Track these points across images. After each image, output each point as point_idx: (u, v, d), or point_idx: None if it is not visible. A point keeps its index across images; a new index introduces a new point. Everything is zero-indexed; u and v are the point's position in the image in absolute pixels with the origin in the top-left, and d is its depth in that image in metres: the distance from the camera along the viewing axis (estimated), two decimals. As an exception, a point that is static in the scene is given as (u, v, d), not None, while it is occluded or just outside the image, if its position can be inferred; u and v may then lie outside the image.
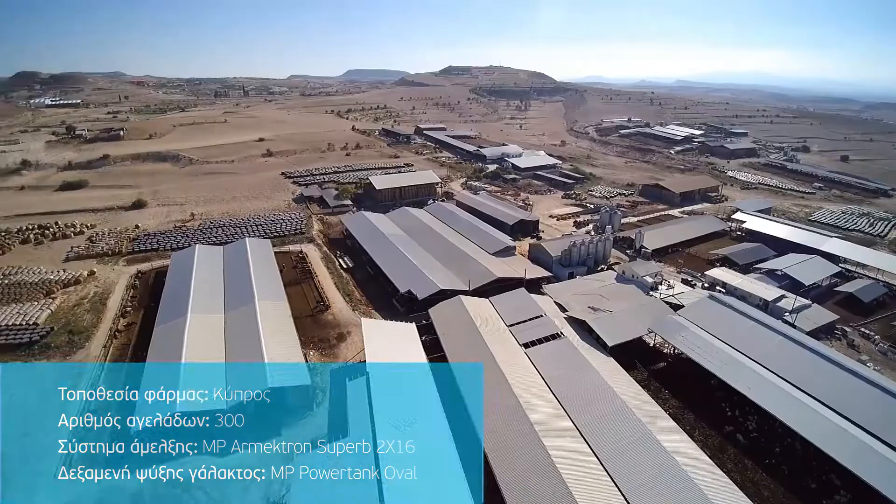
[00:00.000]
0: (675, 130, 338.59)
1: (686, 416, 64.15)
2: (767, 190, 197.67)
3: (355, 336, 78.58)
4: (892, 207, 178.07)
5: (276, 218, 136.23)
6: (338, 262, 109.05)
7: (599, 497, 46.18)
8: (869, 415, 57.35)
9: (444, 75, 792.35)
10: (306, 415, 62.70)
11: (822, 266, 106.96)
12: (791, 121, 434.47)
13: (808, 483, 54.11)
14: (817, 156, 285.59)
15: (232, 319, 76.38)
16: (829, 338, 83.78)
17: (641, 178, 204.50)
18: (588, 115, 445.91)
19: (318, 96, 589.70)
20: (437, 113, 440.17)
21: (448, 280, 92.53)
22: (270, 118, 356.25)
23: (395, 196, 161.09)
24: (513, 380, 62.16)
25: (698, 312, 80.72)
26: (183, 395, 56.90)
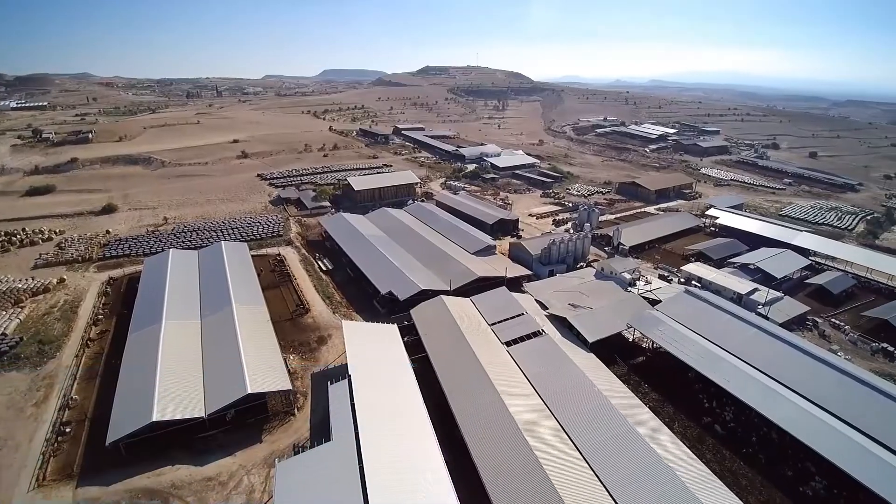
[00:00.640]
0: (650, 129, 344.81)
1: (665, 408, 65.24)
2: (739, 186, 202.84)
3: (336, 339, 77.75)
4: (859, 202, 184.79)
5: (253, 220, 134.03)
6: (317, 265, 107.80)
7: (583, 493, 46.54)
8: (841, 403, 59.18)
9: (421, 75, 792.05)
10: (288, 420, 61.86)
11: (793, 259, 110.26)
12: (761, 119, 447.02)
13: (785, 471, 55.55)
14: (787, 152, 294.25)
15: (209, 325, 74.80)
16: (801, 329, 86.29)
17: (618, 176, 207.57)
18: (565, 114, 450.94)
19: (293, 96, 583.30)
20: (416, 113, 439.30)
21: (429, 280, 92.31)
22: (245, 119, 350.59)
23: (375, 197, 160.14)
24: (496, 379, 62.26)
25: (675, 307, 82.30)
26: (159, 405, 56.20)
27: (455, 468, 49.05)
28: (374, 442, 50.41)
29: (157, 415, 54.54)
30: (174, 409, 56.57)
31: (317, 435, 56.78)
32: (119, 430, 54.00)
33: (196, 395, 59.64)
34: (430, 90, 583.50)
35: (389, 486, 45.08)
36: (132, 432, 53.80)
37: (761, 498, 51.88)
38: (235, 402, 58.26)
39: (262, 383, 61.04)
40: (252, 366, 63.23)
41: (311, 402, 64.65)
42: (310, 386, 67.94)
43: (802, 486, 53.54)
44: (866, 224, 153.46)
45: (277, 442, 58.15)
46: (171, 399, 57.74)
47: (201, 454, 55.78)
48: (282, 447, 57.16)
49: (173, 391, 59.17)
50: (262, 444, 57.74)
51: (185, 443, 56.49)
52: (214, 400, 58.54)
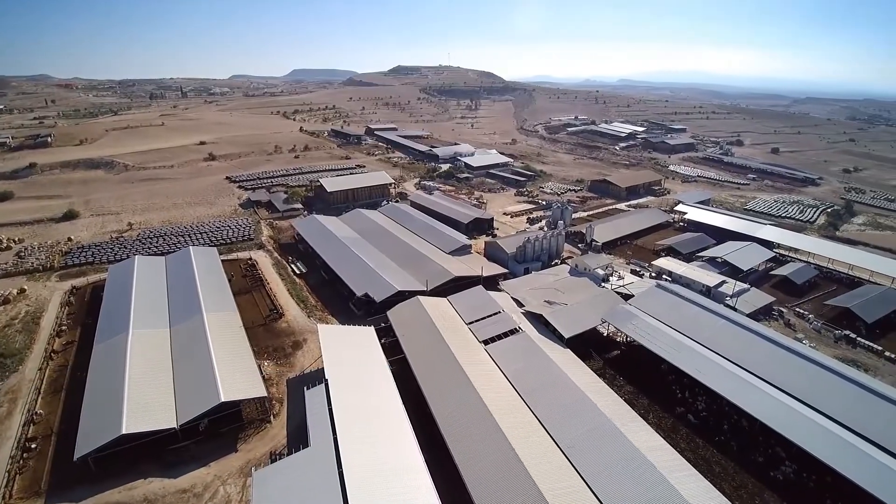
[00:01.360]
0: (620, 127, 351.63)
1: (640, 400, 66.58)
2: (706, 182, 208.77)
3: (312, 343, 76.59)
4: (820, 195, 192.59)
5: (222, 224, 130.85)
6: (290, 268, 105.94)
7: (562, 485, 47.02)
8: (808, 390, 61.48)
9: (393, 75, 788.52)
10: (263, 427, 60.55)
11: (758, 252, 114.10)
12: (726, 116, 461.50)
13: (756, 457, 57.34)
14: (750, 149, 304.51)
15: (178, 333, 72.64)
16: (767, 319, 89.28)
17: (589, 173, 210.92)
18: (537, 113, 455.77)
19: (262, 97, 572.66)
20: (388, 113, 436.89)
21: (405, 281, 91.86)
22: (212, 120, 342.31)
23: (348, 198, 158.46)
24: (474, 377, 62.35)
25: (647, 301, 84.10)
26: (128, 416, 54.41)
27: (436, 468, 48.91)
28: (353, 446, 49.79)
29: (126, 427, 52.70)
30: (144, 420, 54.77)
31: (294, 441, 55.78)
32: (87, 444, 52.03)
33: (167, 405, 57.89)
34: (402, 90, 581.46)
35: (370, 491, 44.58)
36: (101, 446, 51.87)
37: (734, 484, 53.40)
38: (208, 411, 56.74)
39: (236, 391, 59.60)
40: (225, 373, 61.69)
41: (287, 409, 63.47)
42: (286, 392, 66.71)
43: (773, 470, 55.37)
44: (827, 216, 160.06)
45: (253, 450, 56.89)
46: (140, 410, 55.92)
47: (174, 466, 54.18)
48: (258, 455, 55.95)
49: (143, 402, 57.32)
50: (237, 453, 56.42)
51: (156, 455, 54.80)
52: (186, 410, 56.90)
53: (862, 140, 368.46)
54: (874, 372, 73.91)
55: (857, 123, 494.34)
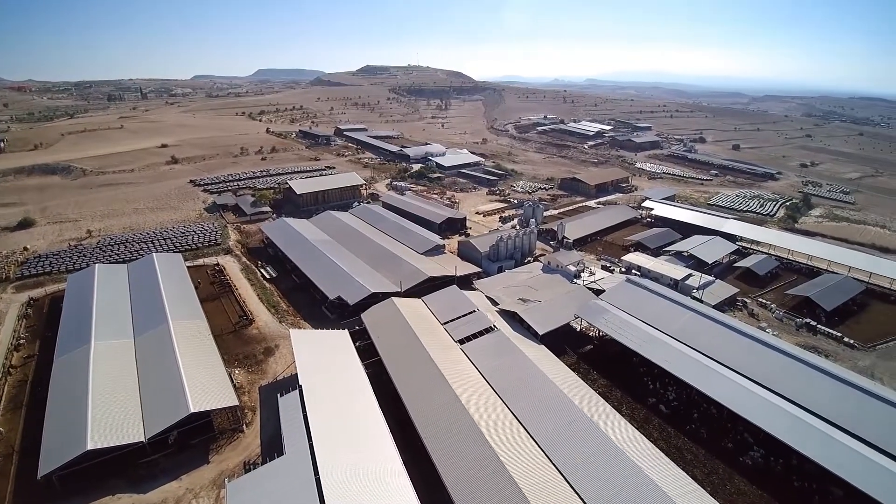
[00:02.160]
0: (588, 126, 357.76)
1: (614, 393, 67.81)
2: (671, 179, 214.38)
3: (284, 349, 75.05)
4: (779, 189, 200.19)
5: (187, 230, 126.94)
6: (259, 273, 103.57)
7: (540, 480, 47.40)
8: (771, 376, 63.79)
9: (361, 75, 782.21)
10: (236, 437, 58.96)
11: (722, 245, 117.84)
12: (689, 114, 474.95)
13: (726, 443, 59.14)
14: (712, 145, 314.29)
15: (143, 343, 70.05)
16: (732, 309, 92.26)
17: (559, 172, 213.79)
18: (506, 113, 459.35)
19: (226, 97, 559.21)
20: (357, 113, 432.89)
21: (379, 283, 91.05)
22: (173, 122, 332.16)
23: (318, 200, 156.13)
24: (451, 377, 62.23)
25: (618, 295, 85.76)
26: (93, 431, 52.22)
27: (415, 469, 48.64)
28: (329, 452, 48.97)
29: (91, 443, 50.55)
30: (110, 435, 52.64)
31: (269, 450, 54.50)
32: (51, 461, 49.70)
33: (134, 418, 55.79)
34: (371, 90, 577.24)
35: (348, 496, 43.92)
36: (66, 463, 49.60)
37: (705, 470, 54.92)
38: (177, 422, 54.88)
39: (206, 401, 57.85)
40: (194, 383, 59.85)
41: (260, 417, 62.01)
42: (258, 400, 65.16)
43: (742, 456, 57.19)
44: (786, 209, 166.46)
45: (226, 461, 55.34)
46: (106, 425, 53.73)
47: (144, 481, 52.29)
48: (231, 466, 54.48)
49: (108, 416, 55.11)
50: (209, 464, 54.78)
51: (125, 470, 52.78)
52: (154, 422, 54.94)
53: (818, 135, 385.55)
54: (834, 357, 77.19)
55: (812, 120, 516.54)
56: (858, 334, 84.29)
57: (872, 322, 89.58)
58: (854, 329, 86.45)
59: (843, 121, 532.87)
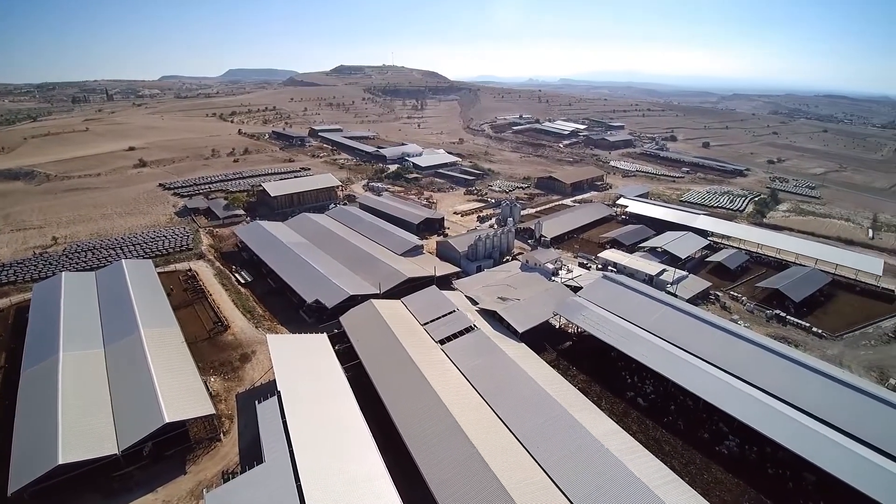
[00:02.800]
0: (563, 125, 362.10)
1: (593, 388, 68.64)
2: (644, 176, 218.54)
3: (261, 355, 73.60)
4: (747, 185, 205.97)
5: (157, 234, 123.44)
6: (234, 278, 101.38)
7: (523, 477, 47.58)
8: (744, 366, 65.49)
9: (335, 75, 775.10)
10: (213, 446, 57.50)
11: (694, 240, 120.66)
12: (660, 113, 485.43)
13: (702, 434, 60.44)
14: (683, 143, 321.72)
15: (114, 353, 67.73)
16: (705, 302, 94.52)
17: (536, 171, 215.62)
18: (482, 112, 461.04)
19: (196, 98, 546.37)
20: (332, 113, 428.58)
21: (357, 285, 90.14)
22: (141, 124, 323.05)
23: (293, 202, 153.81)
24: (432, 378, 62.00)
25: (595, 292, 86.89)
26: (65, 445, 50.20)
27: (399, 472, 48.26)
28: (310, 458, 48.20)
29: (63, 457, 48.66)
30: (82, 448, 50.75)
31: (247, 458, 53.31)
32: (21, 477, 47.71)
33: (106, 430, 53.90)
34: (345, 90, 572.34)
35: (331, 501, 43.28)
36: (37, 479, 47.67)
37: (683, 461, 56.01)
38: (152, 433, 53.25)
39: (181, 410, 56.27)
40: (168, 393, 58.16)
41: (238, 425, 60.64)
42: (235, 407, 63.71)
43: (718, 445, 58.52)
44: (754, 205, 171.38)
45: (204, 471, 53.94)
46: (78, 438, 51.80)
47: (119, 494, 50.62)
48: (209, 476, 53.11)
49: (80, 429, 53.15)
50: (186, 475, 53.30)
51: (99, 484, 50.98)
52: (128, 434, 53.16)
53: (784, 133, 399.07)
54: (804, 347, 79.81)
55: (779, 117, 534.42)
56: (826, 324, 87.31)
57: (839, 312, 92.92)
58: (822, 319, 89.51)
59: (808, 118, 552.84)
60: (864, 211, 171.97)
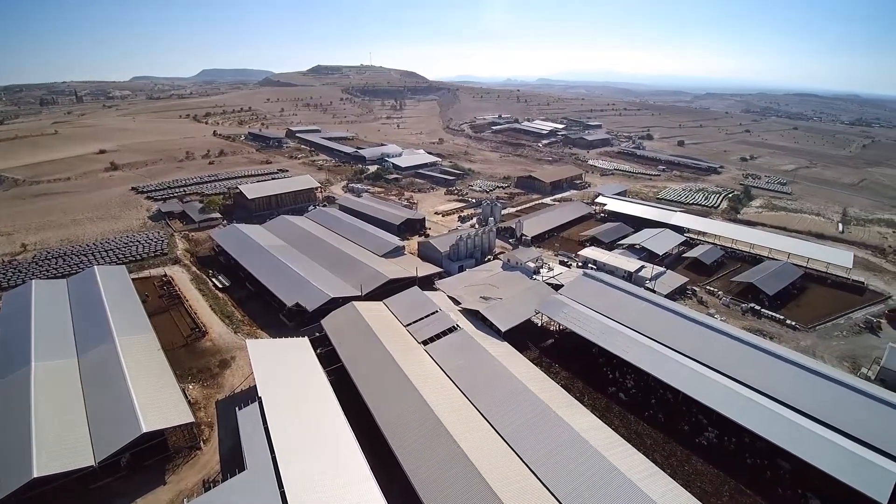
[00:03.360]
0: (542, 125, 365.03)
1: (575, 384, 69.29)
2: (622, 175, 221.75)
3: (241, 360, 72.31)
4: (722, 182, 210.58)
5: (130, 240, 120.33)
6: (211, 282, 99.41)
7: (508, 475, 47.71)
8: (722, 359, 66.80)
9: (313, 75, 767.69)
10: (193, 455, 56.26)
11: (671, 237, 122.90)
12: (636, 113, 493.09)
13: (682, 426, 61.51)
14: (659, 142, 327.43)
15: (88, 362, 65.74)
16: (682, 298, 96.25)
17: (515, 170, 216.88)
18: (462, 112, 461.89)
19: (168, 99, 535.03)
20: (310, 114, 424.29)
21: (338, 287, 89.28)
22: (112, 126, 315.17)
23: (271, 204, 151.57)
24: (416, 379, 61.73)
25: (576, 289, 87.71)
26: (39, 458, 48.46)
27: (384, 475, 47.93)
28: (293, 463, 47.52)
29: (38, 470, 47.01)
30: (58, 460, 49.10)
31: (229, 466, 52.33)
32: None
33: (82, 442, 52.26)
34: (323, 90, 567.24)
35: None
36: (10, 493, 45.95)
37: (664, 453, 56.93)
38: (129, 443, 51.77)
39: (159, 419, 54.88)
40: (145, 401, 56.67)
41: (218, 433, 59.46)
42: (215, 415, 62.46)
43: (698, 437, 59.66)
44: (729, 201, 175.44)
45: (184, 481, 52.74)
46: (52, 450, 50.10)
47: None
48: (190, 485, 51.95)
49: (54, 441, 51.43)
50: (165, 485, 52.06)
51: (76, 496, 49.55)
52: (104, 445, 51.61)
53: (756, 130, 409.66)
54: (778, 339, 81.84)
55: (751, 116, 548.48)
56: (799, 316, 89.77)
57: (811, 304, 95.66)
58: (795, 312, 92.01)
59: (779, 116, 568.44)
60: (833, 206, 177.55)
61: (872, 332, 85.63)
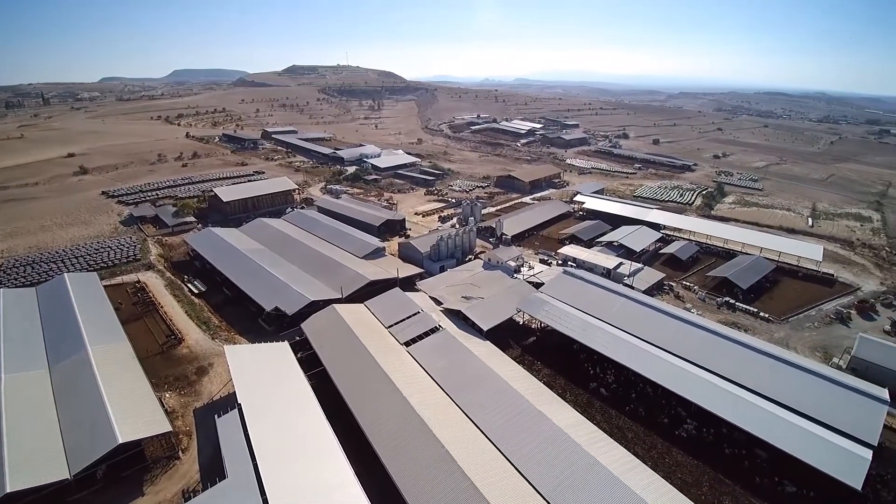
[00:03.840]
0: (519, 125, 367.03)
1: (558, 381, 69.93)
2: (599, 173, 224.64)
3: (219, 367, 70.93)
4: (696, 180, 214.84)
5: (101, 246, 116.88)
6: (187, 288, 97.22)
7: (493, 474, 47.85)
8: (698, 352, 68.23)
9: (288, 75, 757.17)
10: (172, 465, 54.97)
11: (648, 234, 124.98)
12: (612, 112, 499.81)
13: (662, 419, 62.58)
14: (635, 141, 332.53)
15: (60, 373, 63.71)
16: (660, 293, 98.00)
17: (495, 170, 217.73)
18: (440, 112, 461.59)
19: (139, 101, 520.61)
20: (286, 115, 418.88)
21: (318, 290, 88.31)
22: (81, 129, 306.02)
23: (248, 207, 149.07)
24: (398, 381, 61.47)
25: (556, 287, 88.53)
26: (11, 473, 46.99)
27: (369, 478, 47.52)
28: (275, 470, 46.88)
29: (10, 485, 45.59)
30: (31, 474, 47.59)
31: (209, 475, 51.15)
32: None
33: (56, 455, 50.67)
34: (299, 90, 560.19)
35: (297, 514, 42.17)
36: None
37: (645, 446, 57.88)
38: (105, 455, 50.32)
39: (135, 429, 53.46)
40: (120, 411, 55.16)
41: (197, 441, 58.20)
42: (193, 423, 61.12)
43: (677, 429, 60.78)
44: (703, 198, 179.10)
45: (163, 491, 51.50)
46: (25, 464, 48.56)
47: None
48: (169, 496, 50.80)
49: (27, 455, 49.83)
50: (144, 497, 50.78)
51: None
52: (79, 457, 50.10)
53: (728, 128, 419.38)
54: (752, 331, 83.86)
55: (722, 114, 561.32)
56: (772, 309, 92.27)
57: (784, 297, 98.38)
58: (768, 304, 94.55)
59: (750, 114, 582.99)
60: (803, 201, 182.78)
61: (843, 323, 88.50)
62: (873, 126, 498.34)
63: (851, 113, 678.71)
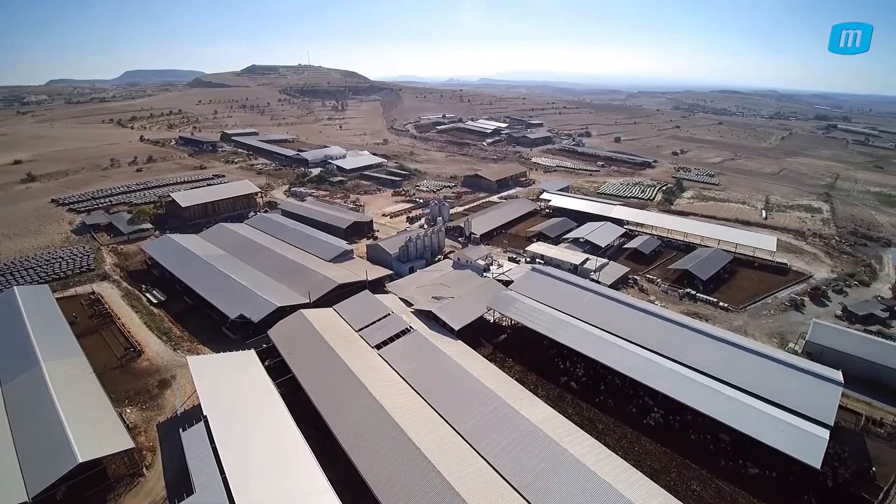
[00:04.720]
0: (485, 124, 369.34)
1: (529, 377, 70.75)
2: (564, 171, 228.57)
3: (182, 379, 68.43)
4: (656, 176, 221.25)
5: (52, 256, 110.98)
6: (145, 298, 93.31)
7: (468, 471, 47.97)
8: (662, 343, 70.32)
9: (247, 75, 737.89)
10: (136, 482, 52.67)
11: (612, 230, 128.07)
12: (575, 111, 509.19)
13: (630, 409, 64.20)
14: (597, 139, 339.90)
15: (13, 391, 60.20)
16: (625, 287, 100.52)
17: (461, 169, 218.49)
18: (405, 112, 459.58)
19: (89, 103, 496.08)
20: (246, 116, 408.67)
21: (285, 296, 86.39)
22: (28, 134, 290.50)
23: (207, 212, 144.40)
24: (370, 384, 60.79)
25: (525, 284, 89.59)
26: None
27: (343, 484, 46.79)
28: (245, 482, 45.65)
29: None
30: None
31: (176, 492, 49.33)
32: None
33: (12, 477, 47.92)
34: (259, 91, 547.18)
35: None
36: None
37: (615, 437, 59.23)
38: (65, 475, 47.85)
39: (96, 447, 50.99)
40: (79, 429, 52.55)
41: (162, 457, 55.98)
42: (157, 438, 58.79)
43: (645, 418, 62.46)
44: (663, 194, 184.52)
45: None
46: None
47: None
48: (132, 515, 48.65)
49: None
50: (106, 517, 48.49)
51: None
52: (37, 479, 47.47)
53: (685, 126, 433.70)
54: (713, 320, 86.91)
55: (680, 112, 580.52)
56: (730, 298, 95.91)
57: (741, 287, 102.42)
58: (726, 294, 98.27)
59: (706, 112, 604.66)
60: (757, 194, 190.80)
61: (797, 310, 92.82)
62: (821, 121, 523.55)
63: (801, 109, 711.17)
